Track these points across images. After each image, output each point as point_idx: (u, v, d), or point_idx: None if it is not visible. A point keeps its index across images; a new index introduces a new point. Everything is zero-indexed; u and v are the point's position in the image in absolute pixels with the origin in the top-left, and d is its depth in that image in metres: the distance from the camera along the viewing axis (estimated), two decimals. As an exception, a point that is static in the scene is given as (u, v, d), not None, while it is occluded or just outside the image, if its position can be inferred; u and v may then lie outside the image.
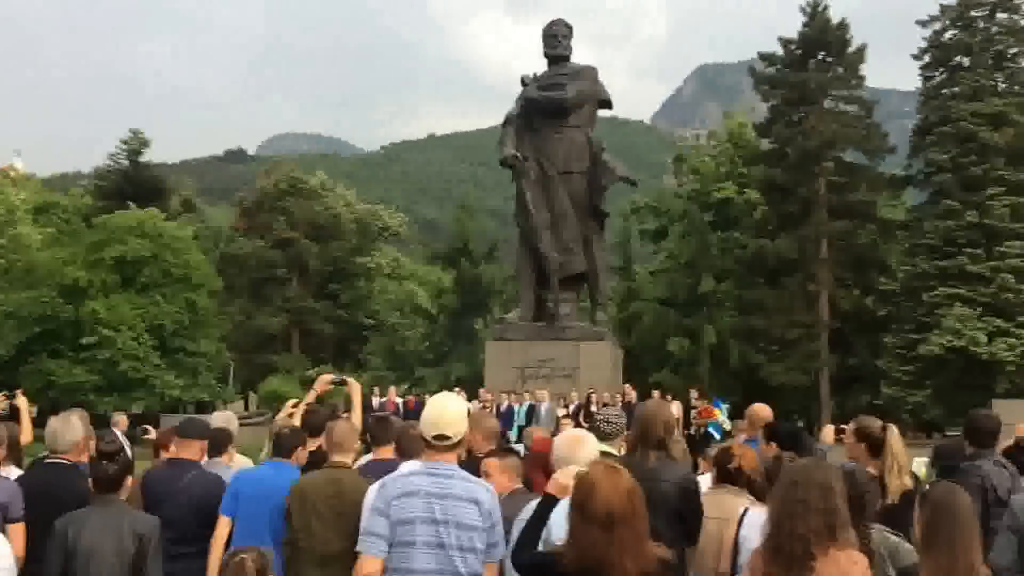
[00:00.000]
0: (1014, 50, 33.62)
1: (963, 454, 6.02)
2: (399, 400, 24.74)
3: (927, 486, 4.49)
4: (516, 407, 20.73)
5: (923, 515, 3.62)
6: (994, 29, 33.69)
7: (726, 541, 4.68)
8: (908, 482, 5.22)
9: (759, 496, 4.81)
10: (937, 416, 32.48)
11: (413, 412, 17.84)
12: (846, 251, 35.54)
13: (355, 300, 55.34)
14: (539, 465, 5.48)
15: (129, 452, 7.02)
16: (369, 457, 6.14)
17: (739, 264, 36.87)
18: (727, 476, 5.09)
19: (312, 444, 6.59)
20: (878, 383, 34.81)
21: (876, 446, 5.33)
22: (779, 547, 3.48)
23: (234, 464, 6.73)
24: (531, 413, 19.96)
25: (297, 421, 6.82)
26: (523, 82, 24.15)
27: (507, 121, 23.91)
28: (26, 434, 7.27)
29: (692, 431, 20.15)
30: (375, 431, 6.14)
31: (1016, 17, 33.72)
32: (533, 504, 4.01)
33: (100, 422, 18.10)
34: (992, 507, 5.32)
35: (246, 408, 47.25)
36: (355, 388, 7.14)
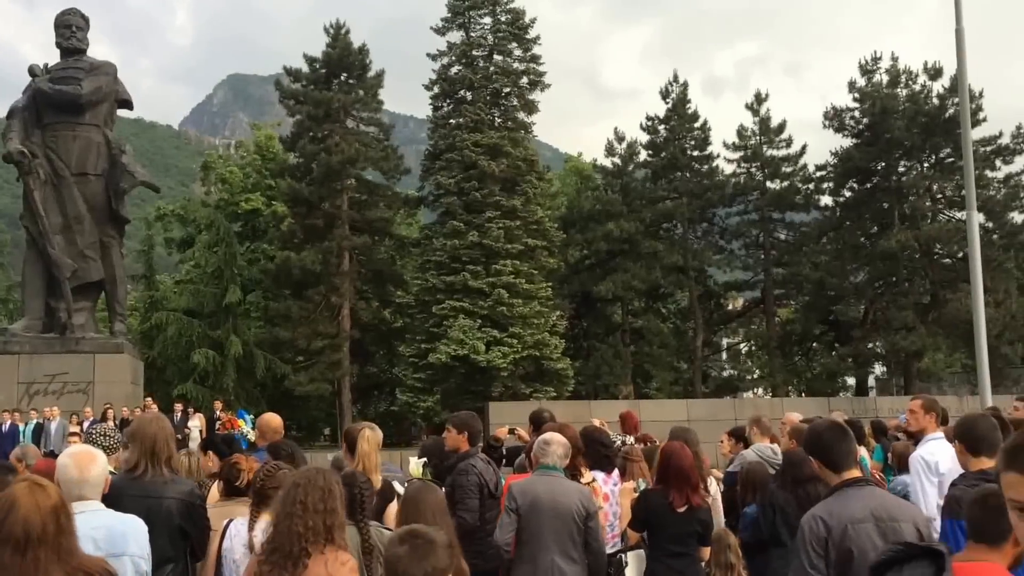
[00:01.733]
0: (507, 89, 36.94)
1: (448, 453, 6.81)
2: None
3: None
4: (20, 426, 19.14)
5: (399, 510, 4.21)
6: (491, 69, 36.92)
7: (211, 553, 4.78)
8: (378, 480, 5.78)
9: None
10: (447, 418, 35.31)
11: None
12: (366, 265, 36.98)
13: None
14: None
15: None
16: None
17: (266, 275, 36.93)
18: (235, 491, 5.21)
19: None
20: (395, 390, 37.05)
21: (352, 446, 5.97)
22: (278, 546, 3.58)
23: None
24: (38, 433, 18.61)
25: None
26: (32, 72, 22.48)
27: (12, 113, 22.14)
28: None
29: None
30: None
31: (509, 60, 37.30)
32: None
33: None
34: (486, 500, 6.24)
35: None
36: None
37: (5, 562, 2.87)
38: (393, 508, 5.43)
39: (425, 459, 6.11)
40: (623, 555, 6.39)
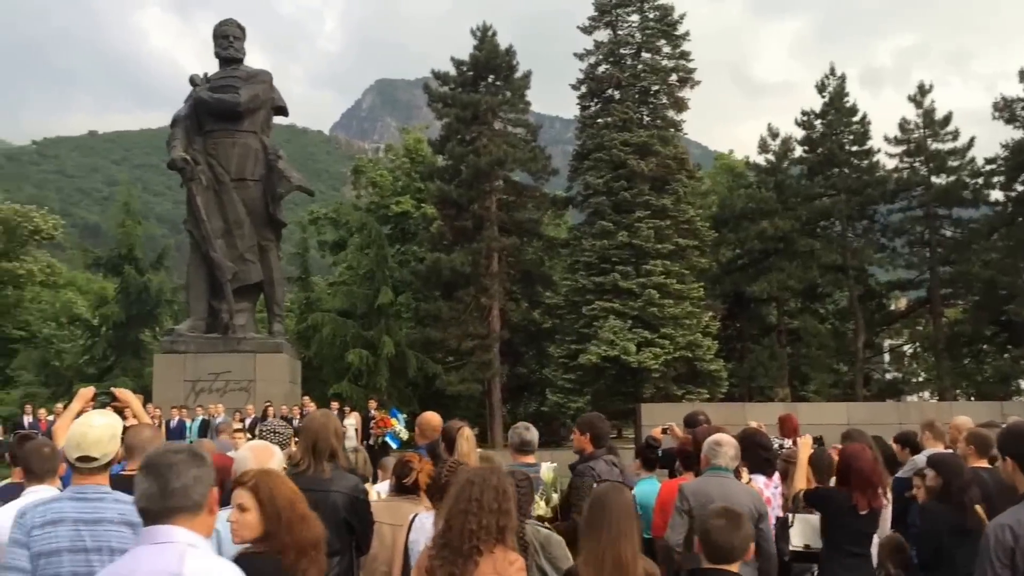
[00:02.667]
0: (656, 87, 36.56)
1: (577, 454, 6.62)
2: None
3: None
4: (188, 423, 19.89)
5: (584, 511, 4.00)
6: (639, 67, 36.50)
7: (397, 545, 4.80)
8: None
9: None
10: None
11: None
12: (515, 266, 37.07)
13: (1, 310, 50.12)
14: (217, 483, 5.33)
15: None
16: (7, 481, 5.64)
17: (416, 277, 37.49)
18: (404, 488, 5.24)
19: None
20: (544, 390, 36.94)
21: (451, 445, 5.86)
22: (448, 543, 3.59)
23: None
24: (204, 428, 19.25)
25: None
26: (193, 82, 23.24)
27: (175, 122, 22.92)
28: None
29: (371, 441, 20.42)
30: (18, 452, 5.58)
31: (658, 57, 36.86)
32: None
33: None
34: None
35: None
36: None
37: None
38: None
39: (555, 464, 6.13)
40: (790, 515, 6.33)
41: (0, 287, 50.80)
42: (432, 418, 7.11)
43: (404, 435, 21.53)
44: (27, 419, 22.22)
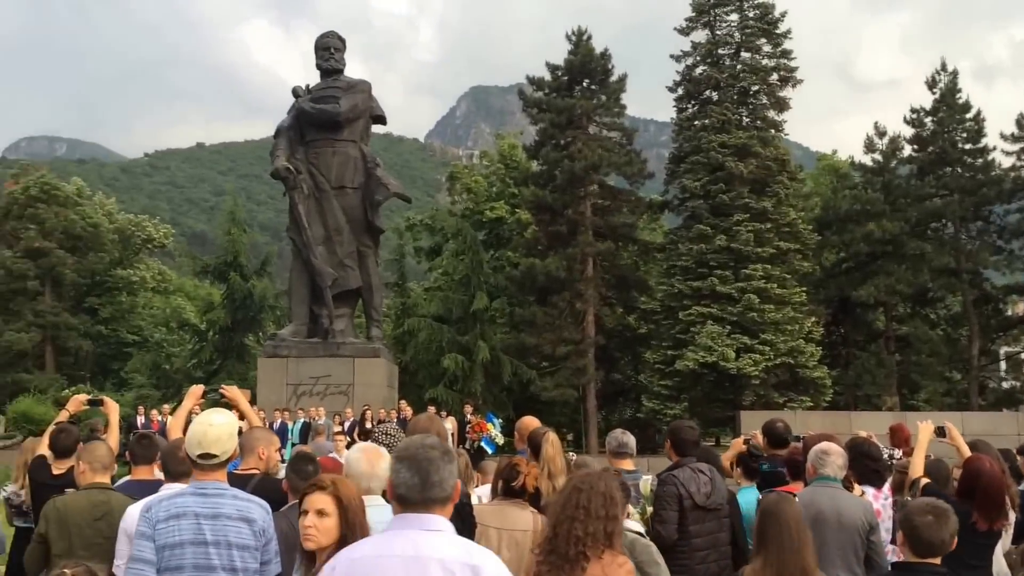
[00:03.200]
0: (756, 87, 35.89)
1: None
2: (168, 419, 23.58)
3: None
4: (290, 425, 20.30)
5: (755, 522, 3.98)
6: (738, 67, 35.87)
7: (523, 547, 4.75)
8: (560, 484, 5.49)
9: (535, 507, 4.96)
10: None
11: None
12: (610, 271, 36.72)
13: (116, 315, 52.34)
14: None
15: None
16: (128, 478, 5.86)
17: (511, 282, 37.52)
18: (511, 492, 5.16)
19: (61, 465, 6.25)
20: (640, 397, 36.54)
21: (536, 450, 5.74)
22: (555, 548, 3.60)
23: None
24: (306, 431, 19.59)
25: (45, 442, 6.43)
26: (295, 93, 23.77)
27: (279, 132, 23.49)
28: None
29: (467, 445, 20.49)
30: (136, 450, 5.82)
31: (758, 57, 36.15)
32: None
33: None
34: (689, 512, 5.79)
35: (-10, 431, 43.34)
36: (112, 408, 6.82)
37: None
38: None
39: (654, 479, 6.06)
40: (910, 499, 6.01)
41: (116, 293, 53.06)
42: (531, 422, 6.99)
43: (500, 439, 21.54)
44: (140, 419, 23.08)
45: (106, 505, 4.66)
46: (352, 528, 3.48)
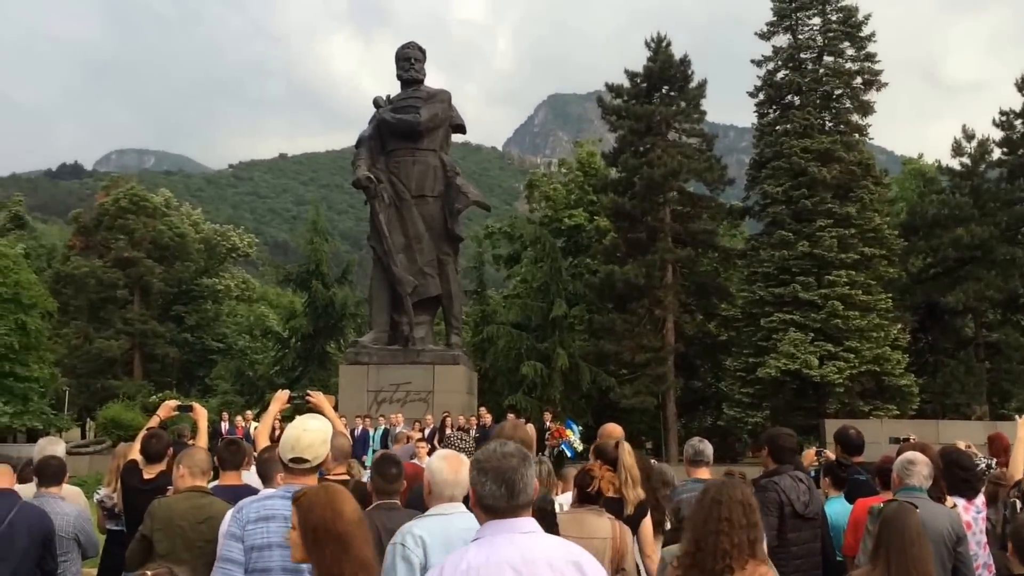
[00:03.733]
0: (839, 91, 35.27)
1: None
2: (253, 425, 24.11)
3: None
4: (371, 431, 20.56)
5: (874, 531, 3.99)
6: (821, 71, 35.33)
7: (625, 544, 4.85)
8: (641, 493, 5.61)
9: (617, 515, 4.99)
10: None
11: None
12: (690, 277, 36.48)
13: (202, 323, 53.70)
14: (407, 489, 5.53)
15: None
16: (216, 482, 6.01)
17: (589, 289, 37.43)
18: (587, 498, 5.21)
19: (152, 470, 6.39)
20: (721, 404, 36.10)
21: (612, 462, 5.67)
22: (696, 563, 3.58)
23: (65, 495, 6.46)
24: (386, 437, 19.83)
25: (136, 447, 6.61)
26: (376, 104, 24.08)
27: (360, 142, 23.79)
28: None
29: (546, 452, 20.46)
30: (224, 455, 5.94)
31: (841, 60, 35.51)
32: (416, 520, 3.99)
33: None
34: (788, 519, 5.74)
35: (83, 436, 44.91)
36: (201, 414, 7.00)
37: None
38: (647, 521, 5.56)
39: None
40: (1017, 501, 6.21)
41: (201, 301, 54.48)
42: (613, 429, 6.99)
43: (579, 446, 21.46)
44: (224, 426, 23.63)
45: (209, 508, 4.78)
46: (317, 548, 3.19)
